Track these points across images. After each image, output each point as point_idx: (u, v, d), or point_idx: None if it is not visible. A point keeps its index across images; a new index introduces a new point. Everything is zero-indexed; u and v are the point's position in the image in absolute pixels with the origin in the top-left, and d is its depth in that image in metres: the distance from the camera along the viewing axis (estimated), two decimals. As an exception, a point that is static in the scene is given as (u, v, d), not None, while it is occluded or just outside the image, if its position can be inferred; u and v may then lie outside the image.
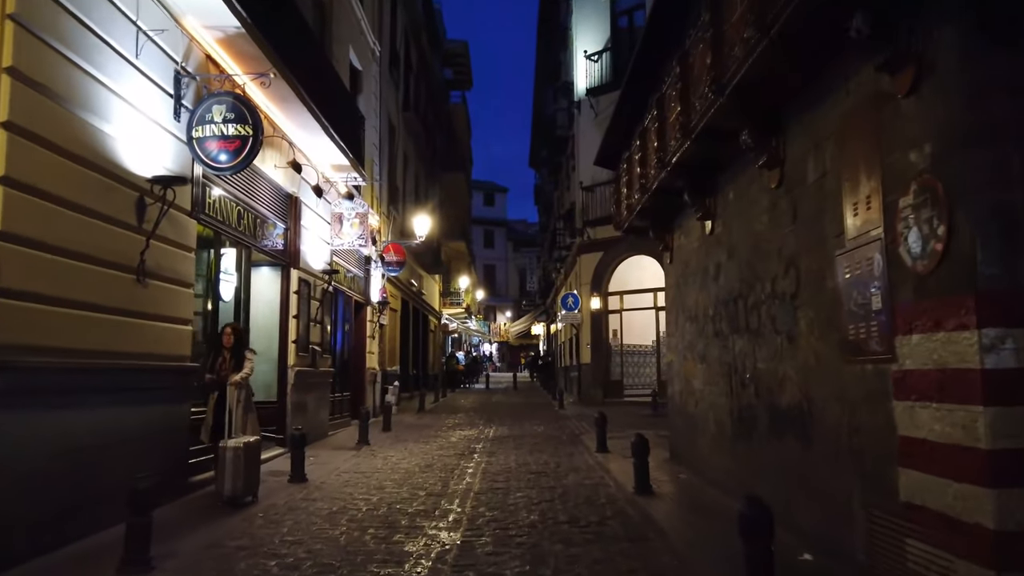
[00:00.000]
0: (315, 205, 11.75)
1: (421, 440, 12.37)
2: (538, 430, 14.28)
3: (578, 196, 22.44)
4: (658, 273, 21.10)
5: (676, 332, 9.22)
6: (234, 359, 7.38)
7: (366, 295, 16.06)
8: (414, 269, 23.81)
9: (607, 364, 21.47)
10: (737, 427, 6.68)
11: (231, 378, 7.16)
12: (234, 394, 7.14)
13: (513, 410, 19.99)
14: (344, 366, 14.55)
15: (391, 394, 17.61)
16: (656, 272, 21.03)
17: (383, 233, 17.47)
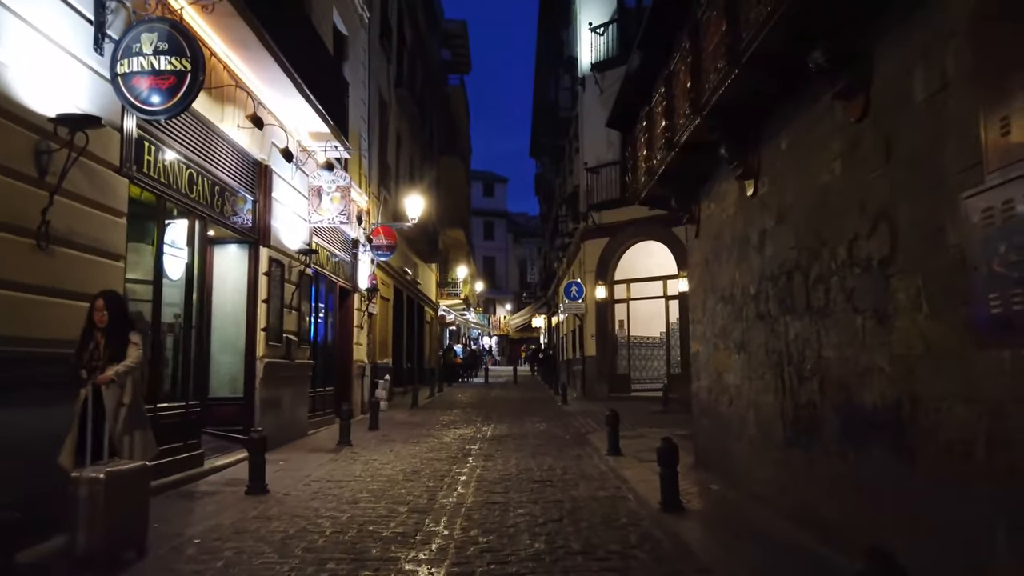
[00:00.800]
0: (290, 177, 10.43)
1: (410, 440, 11.08)
2: (540, 428, 12.99)
3: (582, 178, 21.11)
4: (668, 260, 19.82)
5: (703, 318, 7.92)
6: (111, 346, 4.97)
7: (353, 281, 14.75)
8: (408, 256, 22.49)
9: (613, 357, 20.18)
10: (791, 431, 5.38)
11: (104, 373, 4.88)
12: (112, 397, 4.90)
13: (513, 406, 18.70)
14: (327, 358, 13.24)
15: (381, 389, 16.33)
16: (666, 259, 19.76)
17: (373, 215, 16.15)
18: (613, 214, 20.00)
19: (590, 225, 20.56)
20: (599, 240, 20.45)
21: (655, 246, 19.71)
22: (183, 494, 6.78)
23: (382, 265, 17.79)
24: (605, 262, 20.32)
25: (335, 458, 9.17)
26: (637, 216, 19.49)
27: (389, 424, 13.40)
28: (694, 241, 8.35)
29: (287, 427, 10.24)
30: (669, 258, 19.13)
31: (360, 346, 15.13)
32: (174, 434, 7.14)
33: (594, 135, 20.95)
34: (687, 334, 18.43)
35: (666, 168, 7.27)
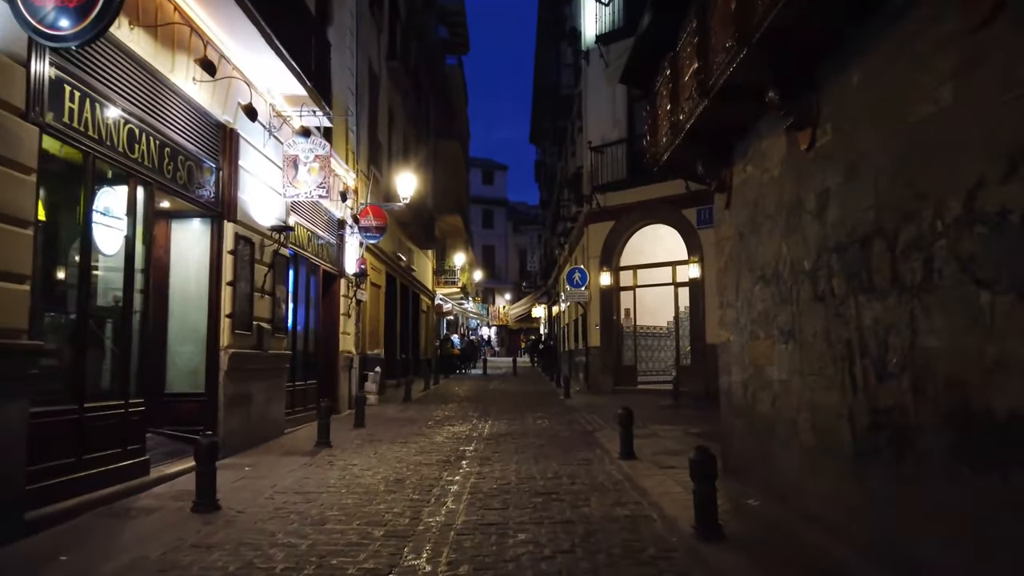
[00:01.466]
0: (262, 144, 9.25)
1: (398, 440, 9.95)
2: (542, 425, 11.86)
3: (585, 159, 19.91)
4: (677, 244, 18.65)
5: (736, 301, 6.77)
6: None
7: (339, 266, 13.59)
8: (402, 242, 21.33)
9: (618, 348, 19.05)
10: (866, 441, 4.24)
11: None
12: None
13: (512, 399, 17.58)
14: (309, 349, 12.10)
15: (371, 382, 15.20)
16: (675, 243, 18.59)
17: (361, 194, 14.97)
18: (619, 196, 18.85)
19: (594, 208, 19.39)
20: (604, 224, 19.27)
21: (663, 230, 18.55)
22: (117, 512, 5.65)
23: (372, 249, 16.63)
24: (610, 247, 19.16)
25: (310, 463, 8.03)
26: (645, 198, 18.36)
27: (377, 421, 12.28)
28: (723, 213, 7.18)
29: (258, 426, 9.11)
30: (678, 242, 17.98)
31: (347, 336, 13.99)
32: (109, 438, 6.01)
33: (599, 112, 19.77)
34: (698, 323, 17.35)
35: (696, 121, 6.09)
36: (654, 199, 18.01)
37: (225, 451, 8.03)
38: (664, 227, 18.40)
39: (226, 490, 6.39)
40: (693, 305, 17.36)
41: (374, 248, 16.68)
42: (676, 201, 17.49)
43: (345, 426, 11.34)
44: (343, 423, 11.60)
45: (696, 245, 17.23)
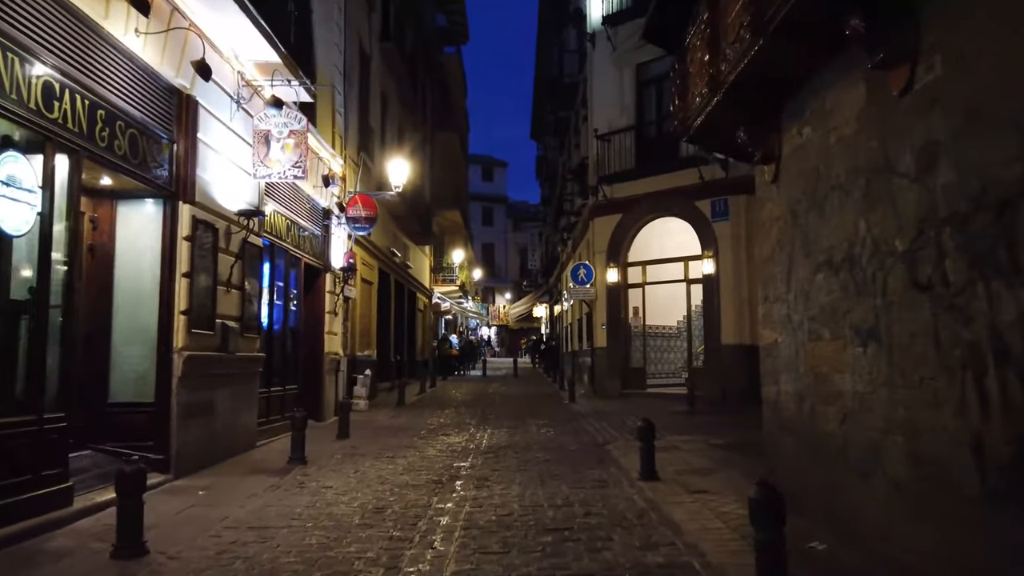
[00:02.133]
0: (227, 116, 8.07)
1: (385, 454, 8.78)
2: (547, 435, 10.69)
3: (591, 148, 18.74)
4: (689, 238, 17.45)
5: (787, 294, 5.59)
6: None
7: (324, 259, 12.42)
8: (397, 237, 20.16)
9: (626, 348, 17.88)
10: (1005, 479, 3.07)
11: None
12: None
13: (513, 404, 16.41)
14: (288, 350, 10.93)
15: (360, 386, 14.03)
16: (687, 237, 17.39)
17: (350, 182, 13.80)
18: (627, 187, 17.68)
19: (600, 200, 18.22)
20: (610, 217, 18.11)
21: (675, 223, 17.38)
22: (20, 558, 4.48)
23: (363, 243, 15.46)
24: (617, 242, 17.99)
25: (277, 484, 6.86)
26: (654, 189, 17.20)
27: (364, 430, 11.10)
28: (768, 189, 6.00)
29: (223, 439, 7.94)
30: (691, 236, 16.81)
31: (333, 336, 12.82)
32: (17, 462, 4.84)
33: (605, 98, 18.60)
34: (713, 322, 16.19)
35: (743, 71, 4.90)
36: (665, 190, 16.86)
37: (179, 470, 6.88)
38: (675, 220, 17.23)
39: (165, 524, 5.24)
40: (707, 303, 16.20)
41: (364, 241, 15.50)
42: (688, 192, 16.34)
43: (327, 437, 10.17)
44: (326, 433, 10.44)
45: (710, 239, 16.07)
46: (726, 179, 16.08)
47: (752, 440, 9.97)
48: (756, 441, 9.96)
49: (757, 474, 6.91)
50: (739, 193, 15.74)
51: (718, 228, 15.96)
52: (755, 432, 11.08)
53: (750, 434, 10.71)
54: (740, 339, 15.41)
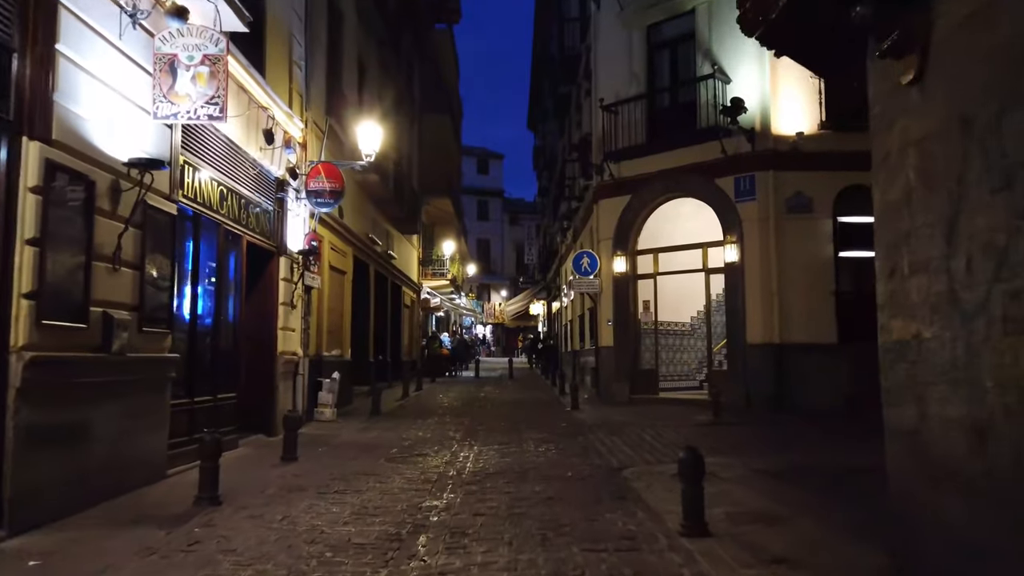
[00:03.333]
0: (116, 32, 5.91)
1: (335, 487, 6.65)
2: (547, 455, 8.57)
3: (596, 122, 16.60)
4: (708, 222, 15.34)
5: (952, 257, 3.40)
6: None
7: (277, 240, 10.28)
8: (378, 222, 18.01)
9: (635, 348, 15.75)
10: None
11: None
12: None
13: (508, 412, 14.27)
14: (223, 350, 8.76)
15: (326, 391, 11.89)
16: (706, 221, 15.27)
17: (312, 150, 11.65)
18: (636, 164, 15.56)
19: (606, 180, 16.09)
20: (618, 199, 15.97)
21: (691, 205, 15.28)
22: None
23: (333, 225, 13.31)
24: (625, 227, 15.86)
25: (155, 547, 4.70)
26: (668, 165, 15.07)
27: (320, 449, 8.98)
28: (900, 96, 3.80)
29: (103, 474, 5.79)
30: (711, 219, 14.72)
31: (290, 333, 10.67)
32: None
33: (612, 65, 16.45)
34: (736, 317, 14.08)
35: None
36: (680, 167, 14.75)
37: (17, 523, 4.74)
38: (692, 202, 15.12)
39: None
40: (730, 295, 14.09)
41: (334, 223, 13.36)
42: (708, 169, 14.25)
43: (269, 459, 8.04)
44: (271, 453, 8.30)
45: (734, 222, 13.96)
46: (752, 152, 14.00)
47: (807, 464, 7.87)
48: (812, 466, 7.88)
49: (850, 529, 4.84)
50: (767, 168, 13.66)
51: (743, 209, 13.86)
52: (806, 452, 8.98)
53: (801, 455, 8.60)
54: (768, 338, 13.32)
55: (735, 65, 14.15)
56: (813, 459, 8.29)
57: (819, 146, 13.51)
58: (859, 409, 12.61)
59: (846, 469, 7.25)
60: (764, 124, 13.72)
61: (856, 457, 7.96)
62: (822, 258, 13.46)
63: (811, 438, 10.35)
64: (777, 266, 13.46)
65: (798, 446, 9.52)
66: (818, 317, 13.29)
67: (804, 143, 13.52)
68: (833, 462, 7.91)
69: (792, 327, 13.34)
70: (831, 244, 13.51)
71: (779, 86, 13.79)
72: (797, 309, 13.36)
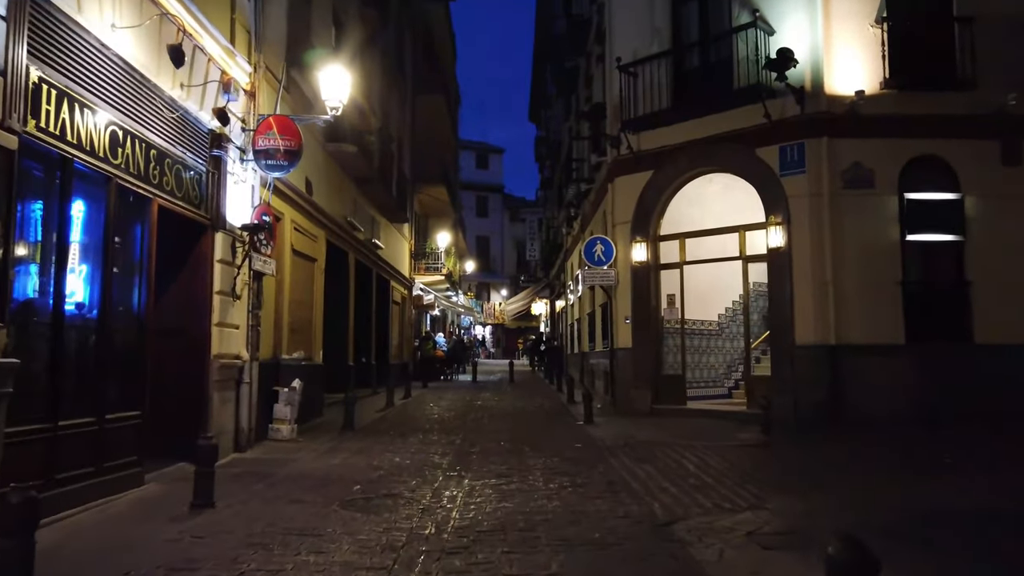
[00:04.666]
0: None
1: (246, 562, 4.35)
2: (563, 498, 6.23)
3: (612, 85, 14.31)
4: (747, 201, 13.05)
5: None
6: None
7: (213, 210, 7.97)
8: (361, 205, 15.72)
9: (658, 349, 13.46)
10: None
11: None
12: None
13: (509, 426, 11.93)
14: (118, 351, 6.40)
15: (283, 403, 9.59)
16: (744, 199, 12.98)
17: (265, 104, 9.34)
18: (659, 135, 13.27)
19: (623, 154, 13.79)
20: (637, 176, 13.68)
21: (723, 181, 13.02)
22: None
23: (299, 201, 11.02)
24: (646, 208, 13.57)
25: None
26: (698, 135, 12.76)
27: (256, 486, 6.67)
28: None
29: None
30: (748, 198, 12.45)
31: (231, 330, 8.36)
32: None
33: (629, 20, 14.13)
34: (782, 313, 11.72)
35: None
36: (712, 136, 12.47)
37: None
38: (725, 178, 12.85)
39: None
40: (775, 287, 11.79)
41: (301, 200, 11.06)
42: (746, 137, 11.98)
43: (177, 504, 5.74)
44: (185, 492, 5.97)
45: (779, 200, 11.67)
46: (802, 116, 11.68)
47: (923, 509, 5.58)
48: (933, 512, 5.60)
49: None
50: (819, 135, 11.38)
51: (790, 185, 11.58)
52: (907, 487, 6.40)
53: (901, 493, 6.31)
54: (821, 337, 11.05)
55: (779, 13, 11.89)
56: (922, 499, 6.06)
57: (882, 108, 11.27)
58: (931, 423, 10.37)
59: (979, 514, 5.13)
60: (816, 82, 11.46)
61: (975, 493, 6.14)
62: (886, 242, 11.20)
63: (892, 463, 8.09)
64: (832, 252, 11.19)
65: (886, 477, 7.26)
66: (881, 313, 11.04)
67: (864, 105, 11.25)
68: (951, 503, 5.74)
69: (850, 325, 11.07)
70: (897, 225, 11.27)
71: (833, 37, 11.53)
72: (856, 303, 11.09)
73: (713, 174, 13.00)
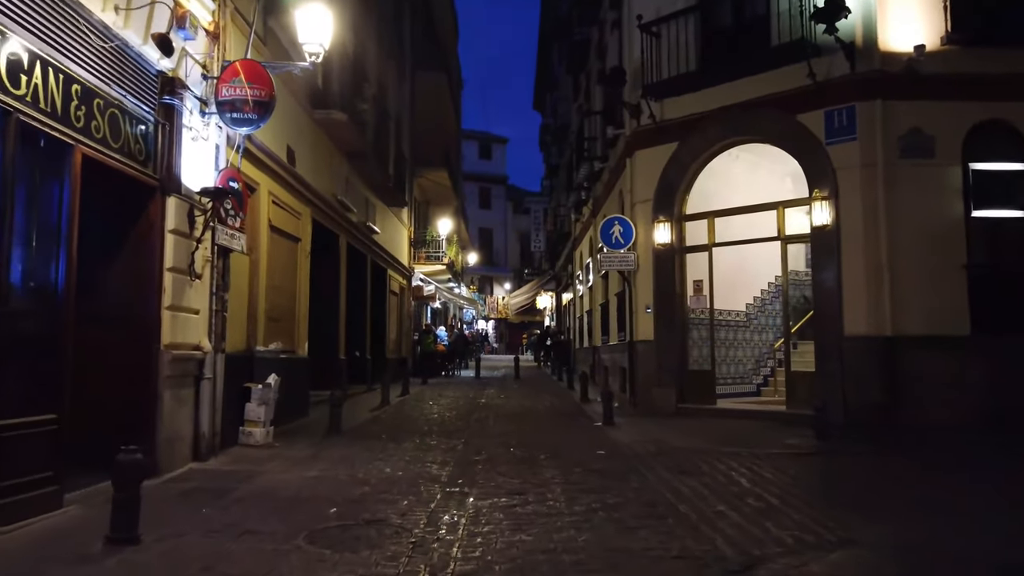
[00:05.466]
0: None
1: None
2: (596, 526, 4.80)
3: (632, 47, 12.88)
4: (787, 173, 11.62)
5: None
6: None
7: (164, 169, 6.57)
8: (354, 184, 14.32)
9: (683, 342, 12.06)
10: None
11: None
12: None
13: (517, 428, 10.52)
14: (23, 339, 4.99)
15: (257, 403, 8.22)
16: (783, 172, 11.58)
17: (233, 49, 7.92)
18: (686, 102, 11.85)
19: (645, 124, 12.37)
20: (660, 148, 12.27)
21: (761, 153, 11.61)
22: None
23: (280, 172, 9.63)
24: (670, 184, 12.16)
25: None
26: (730, 100, 11.32)
27: (204, 511, 5.29)
28: None
29: None
30: (790, 170, 11.02)
31: (188, 316, 6.97)
32: None
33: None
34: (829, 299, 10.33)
35: None
36: (746, 102, 11.05)
37: None
38: (761, 147, 11.43)
39: None
40: (820, 271, 10.39)
41: (282, 171, 9.67)
42: (787, 102, 10.56)
43: (95, 529, 4.37)
44: (105, 516, 4.57)
45: (824, 172, 10.25)
46: (852, 75, 10.24)
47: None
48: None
49: None
50: (872, 97, 9.95)
51: (838, 154, 10.16)
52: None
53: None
54: (875, 328, 9.66)
55: (826, -42, 10.41)
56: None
57: (944, 66, 9.83)
58: (1006, 426, 9.03)
59: None
60: (868, 37, 10.03)
61: None
62: (948, 219, 9.80)
63: (983, 477, 6.67)
64: (887, 230, 9.79)
65: (988, 496, 5.85)
66: (944, 300, 9.63)
67: (923, 62, 9.82)
68: None
69: (908, 314, 9.67)
70: (961, 200, 9.86)
71: (889, -16, 10.09)
72: (915, 289, 9.69)
73: (740, 149, 11.58)
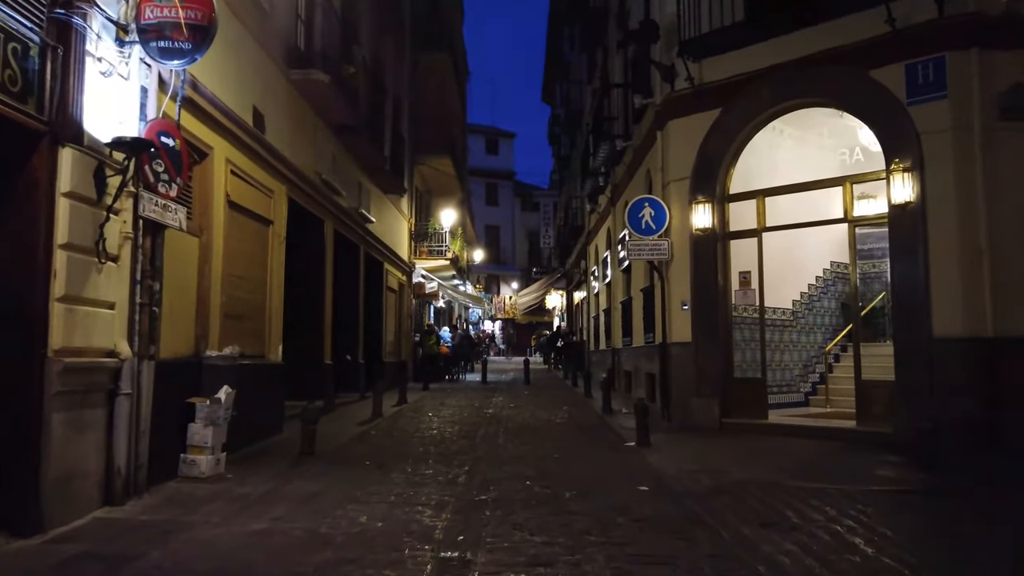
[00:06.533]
0: None
1: None
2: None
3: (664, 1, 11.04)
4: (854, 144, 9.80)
5: None
6: None
7: (56, 112, 4.78)
8: (342, 164, 12.51)
9: (727, 345, 10.21)
10: None
11: None
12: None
13: (533, 452, 8.62)
14: None
15: (203, 424, 6.42)
16: (850, 140, 9.76)
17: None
18: (730, 61, 10.03)
19: (681, 88, 10.53)
20: (698, 117, 10.44)
21: (821, 118, 9.79)
22: None
23: (243, 138, 7.81)
24: (712, 159, 10.33)
25: None
26: (785, 57, 9.45)
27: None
28: None
29: None
30: (860, 138, 9.16)
31: (96, 311, 5.17)
32: None
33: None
34: (915, 294, 8.37)
35: None
36: (805, 58, 9.23)
37: None
38: (822, 113, 9.60)
39: None
40: (899, 259, 8.55)
41: (245, 136, 7.85)
42: (857, 55, 8.73)
43: None
44: None
45: (905, 137, 8.41)
46: (940, 20, 8.43)
47: None
48: None
49: None
50: (965, 46, 8.10)
51: (922, 116, 8.31)
52: None
53: None
54: (973, 328, 7.84)
55: None
56: None
57: (1056, 7, 7.95)
58: None
59: None
60: (959, -27, 8.17)
61: None
62: (1063, 193, 7.91)
63: None
64: (986, 208, 7.98)
65: None
66: (1058, 294, 7.75)
67: (1030, 2, 7.97)
68: None
69: (1014, 310, 7.82)
70: (1078, 170, 7.97)
71: (985, -93, 8.23)
72: (1021, 280, 7.83)
73: (806, 109, 9.71)
